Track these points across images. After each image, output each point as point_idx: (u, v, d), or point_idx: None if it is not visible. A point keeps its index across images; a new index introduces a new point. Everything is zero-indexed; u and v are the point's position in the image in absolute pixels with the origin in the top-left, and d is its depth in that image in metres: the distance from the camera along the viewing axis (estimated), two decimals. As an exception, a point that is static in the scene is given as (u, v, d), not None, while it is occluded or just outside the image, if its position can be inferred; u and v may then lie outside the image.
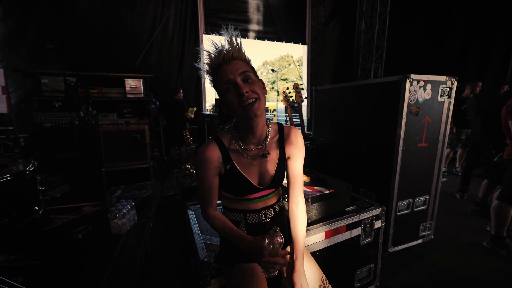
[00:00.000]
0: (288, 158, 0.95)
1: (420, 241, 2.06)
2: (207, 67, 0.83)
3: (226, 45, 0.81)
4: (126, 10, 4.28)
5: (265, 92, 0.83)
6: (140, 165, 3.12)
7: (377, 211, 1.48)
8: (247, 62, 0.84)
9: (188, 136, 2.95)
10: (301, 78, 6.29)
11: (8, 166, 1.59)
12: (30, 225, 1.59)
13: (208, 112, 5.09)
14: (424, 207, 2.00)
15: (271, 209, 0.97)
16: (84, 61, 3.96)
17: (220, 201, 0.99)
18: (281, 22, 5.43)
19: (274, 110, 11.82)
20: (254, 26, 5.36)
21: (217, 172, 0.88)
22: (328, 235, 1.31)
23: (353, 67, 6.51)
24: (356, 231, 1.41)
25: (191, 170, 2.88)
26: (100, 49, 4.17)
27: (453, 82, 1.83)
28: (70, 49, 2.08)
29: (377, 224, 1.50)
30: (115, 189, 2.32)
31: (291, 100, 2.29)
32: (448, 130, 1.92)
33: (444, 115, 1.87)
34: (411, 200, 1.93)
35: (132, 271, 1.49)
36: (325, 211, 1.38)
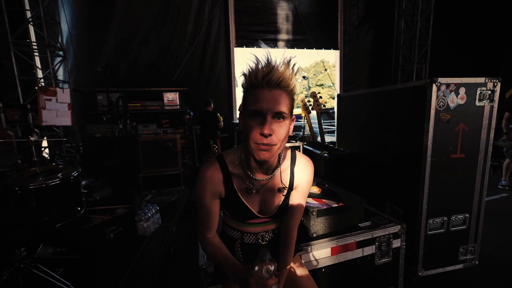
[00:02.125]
0: (294, 188, 0.88)
1: (460, 266, 1.78)
2: (246, 79, 0.70)
3: (278, 66, 0.67)
4: (166, 32, 4.78)
5: (291, 130, 0.75)
6: (172, 172, 3.39)
7: (395, 229, 1.35)
8: (291, 94, 0.71)
9: (214, 145, 3.11)
10: (333, 84, 6.08)
11: (58, 171, 1.92)
12: (73, 223, 1.88)
13: (238, 121, 5.27)
14: (463, 227, 1.74)
15: (270, 231, 0.93)
16: (131, 78, 4.54)
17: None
18: (311, 29, 5.38)
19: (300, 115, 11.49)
20: (283, 36, 5.42)
21: (217, 195, 0.82)
22: (335, 251, 1.24)
23: (392, 69, 6.04)
24: (369, 250, 1.31)
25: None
26: (143, 67, 4.72)
27: (495, 83, 1.59)
28: (113, 70, 2.42)
29: (396, 243, 1.36)
30: (146, 193, 2.57)
31: (310, 109, 2.26)
32: (492, 138, 1.66)
33: (485, 121, 1.63)
34: (445, 218, 1.70)
35: (151, 270, 1.62)
36: (332, 225, 1.31)
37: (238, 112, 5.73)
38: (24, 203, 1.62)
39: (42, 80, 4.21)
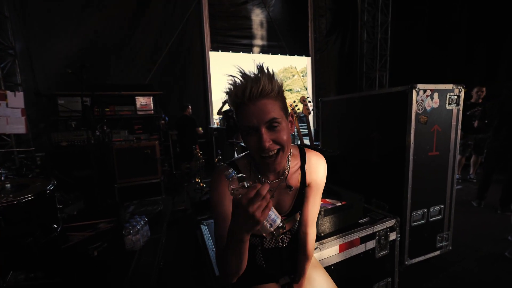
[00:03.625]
0: (308, 186, 0.89)
1: (437, 252, 1.99)
2: (230, 99, 0.71)
3: (253, 78, 0.66)
4: (135, 32, 4.53)
5: (291, 130, 0.75)
6: (151, 180, 3.18)
7: (391, 223, 1.46)
8: (279, 98, 0.70)
9: (198, 151, 3.01)
10: (306, 88, 6.38)
11: (29, 185, 1.67)
12: (49, 243, 1.64)
13: (215, 126, 5.18)
14: (439, 217, 1.95)
15: (288, 233, 0.95)
16: (99, 81, 4.18)
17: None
18: (284, 36, 5.60)
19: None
20: (258, 41, 5.54)
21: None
22: (342, 248, 1.30)
23: (357, 76, 6.58)
24: (371, 244, 1.39)
25: (201, 184, 2.92)
26: (113, 69, 4.39)
27: (460, 90, 1.84)
28: (87, 73, 2.21)
29: (392, 236, 1.47)
30: (128, 205, 2.36)
31: (298, 113, 2.33)
32: (458, 137, 1.90)
33: (454, 123, 1.87)
34: (425, 210, 1.89)
35: (149, 285, 1.50)
36: (338, 223, 1.37)
37: (215, 118, 5.64)
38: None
39: (-12, 82, 3.64)
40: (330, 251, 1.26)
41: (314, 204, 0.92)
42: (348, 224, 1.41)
